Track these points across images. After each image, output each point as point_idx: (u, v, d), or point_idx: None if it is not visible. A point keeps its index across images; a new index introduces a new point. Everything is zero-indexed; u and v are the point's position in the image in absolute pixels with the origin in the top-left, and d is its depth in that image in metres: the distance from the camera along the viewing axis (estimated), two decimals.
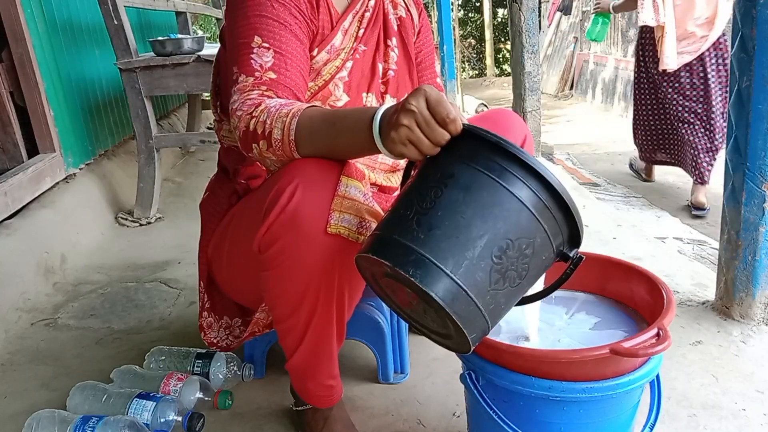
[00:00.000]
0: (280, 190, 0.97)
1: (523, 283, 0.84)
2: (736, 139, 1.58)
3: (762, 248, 1.60)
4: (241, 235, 1.16)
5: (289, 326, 1.08)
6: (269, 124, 0.98)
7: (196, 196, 1.42)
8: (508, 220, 0.80)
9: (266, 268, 1.02)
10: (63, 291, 2.12)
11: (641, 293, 1.09)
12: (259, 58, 1.06)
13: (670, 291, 1.02)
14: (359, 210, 1.00)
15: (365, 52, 1.26)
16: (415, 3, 1.39)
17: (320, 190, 0.97)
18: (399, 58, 1.32)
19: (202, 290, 1.35)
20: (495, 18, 13.46)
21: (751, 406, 1.33)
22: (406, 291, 0.84)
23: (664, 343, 0.88)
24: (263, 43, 1.07)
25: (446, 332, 0.86)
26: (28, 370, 1.62)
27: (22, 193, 2.28)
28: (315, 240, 0.97)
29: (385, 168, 1.32)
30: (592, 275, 1.16)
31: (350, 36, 1.23)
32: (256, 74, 1.05)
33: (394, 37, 1.31)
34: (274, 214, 0.96)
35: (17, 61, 2.42)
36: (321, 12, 1.18)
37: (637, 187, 3.75)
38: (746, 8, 1.49)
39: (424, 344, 1.62)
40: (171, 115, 4.56)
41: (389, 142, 0.86)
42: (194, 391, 1.36)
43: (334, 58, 1.20)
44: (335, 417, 1.23)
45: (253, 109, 1.00)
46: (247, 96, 1.03)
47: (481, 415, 1.01)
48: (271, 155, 1.00)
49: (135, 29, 3.04)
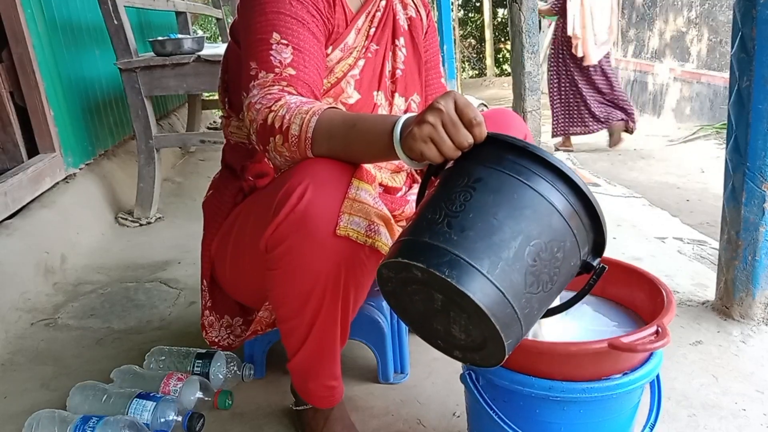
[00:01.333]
0: (290, 189, 0.97)
1: (554, 289, 0.82)
2: (736, 139, 1.58)
3: (762, 248, 1.60)
4: (247, 234, 1.16)
5: (292, 326, 1.08)
6: (288, 119, 0.97)
7: (196, 196, 1.42)
8: (540, 222, 0.79)
9: (272, 267, 1.02)
10: (63, 291, 2.12)
11: (641, 296, 1.09)
12: (278, 54, 1.06)
13: (670, 291, 1.02)
14: (368, 213, 0.99)
15: (377, 51, 1.27)
16: (423, 4, 1.40)
17: (331, 192, 0.97)
18: (408, 57, 1.33)
19: (205, 288, 1.35)
20: (495, 18, 13.44)
21: (751, 406, 1.33)
22: (436, 301, 0.81)
23: (663, 339, 0.88)
24: (282, 39, 1.07)
25: (475, 343, 0.82)
26: (28, 370, 1.62)
27: (22, 193, 2.28)
28: (323, 241, 0.97)
29: (391, 168, 1.32)
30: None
31: (363, 35, 1.24)
32: (276, 70, 1.05)
33: (402, 36, 1.32)
34: (284, 213, 0.96)
35: (17, 61, 2.42)
36: (337, 11, 1.19)
37: (637, 187, 3.75)
38: (746, 8, 1.49)
39: (425, 344, 1.62)
40: (171, 115, 4.56)
41: (410, 139, 0.85)
42: (194, 391, 1.36)
43: (347, 56, 1.21)
44: (335, 417, 1.23)
45: (272, 103, 1.00)
46: (267, 91, 1.03)
47: (481, 415, 1.01)
48: (285, 151, 0.99)
49: (135, 29, 3.04)
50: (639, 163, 4.79)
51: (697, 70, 6.19)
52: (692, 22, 6.34)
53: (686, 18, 6.44)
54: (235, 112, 1.27)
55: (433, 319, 0.85)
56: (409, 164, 0.90)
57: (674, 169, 3.68)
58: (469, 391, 1.02)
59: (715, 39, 5.97)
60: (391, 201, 1.27)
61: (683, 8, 6.49)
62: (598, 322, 1.09)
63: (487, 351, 0.81)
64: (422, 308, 0.85)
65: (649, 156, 5.02)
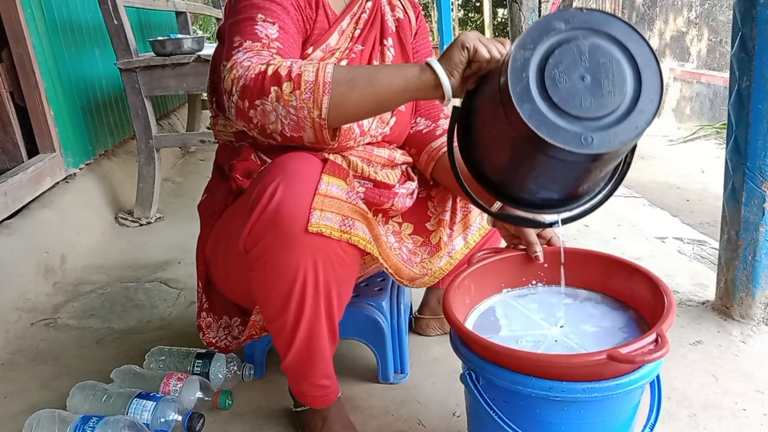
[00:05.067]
0: (262, 189, 0.97)
1: None
2: (736, 139, 1.58)
3: (762, 248, 1.60)
4: (232, 236, 1.16)
5: (279, 326, 1.08)
6: (297, 68, 0.94)
7: (196, 196, 1.42)
8: None
9: (252, 268, 1.03)
10: (63, 291, 2.12)
11: (642, 293, 1.09)
12: (263, 29, 1.05)
13: (671, 294, 1.02)
14: (341, 208, 1.00)
15: (362, 51, 1.26)
16: (413, 5, 1.40)
17: (301, 189, 0.97)
18: (396, 58, 1.32)
19: (200, 291, 1.35)
20: (495, 18, 13.46)
21: (751, 406, 1.33)
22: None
23: (662, 350, 0.87)
24: (268, 18, 1.06)
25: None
26: (28, 370, 1.62)
27: (22, 193, 2.28)
28: (296, 239, 0.97)
29: (382, 161, 1.31)
30: (595, 273, 1.16)
31: (346, 37, 1.24)
32: (263, 41, 1.03)
33: (391, 37, 1.32)
34: (257, 213, 0.97)
35: (17, 61, 2.42)
36: (319, 14, 1.19)
37: (637, 187, 3.74)
38: (746, 8, 1.49)
39: (424, 344, 1.63)
40: (171, 115, 4.56)
41: (456, 46, 0.92)
42: (194, 391, 1.36)
43: (328, 56, 1.20)
44: (334, 417, 1.24)
45: (268, 60, 0.97)
46: (257, 52, 1.00)
47: (481, 415, 1.01)
48: (292, 100, 0.92)
49: (135, 29, 3.04)
50: (639, 163, 4.79)
51: (697, 70, 6.19)
52: (692, 22, 6.34)
53: (686, 18, 6.44)
54: (222, 111, 1.27)
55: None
56: (448, 86, 0.93)
57: (674, 169, 3.68)
58: (469, 391, 1.02)
59: (715, 39, 5.97)
60: (379, 194, 1.27)
61: (683, 8, 6.49)
62: (601, 321, 1.09)
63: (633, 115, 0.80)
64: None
65: (649, 156, 5.02)
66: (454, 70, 0.93)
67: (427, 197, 1.43)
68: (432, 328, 1.66)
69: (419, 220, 1.40)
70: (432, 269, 1.37)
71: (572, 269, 1.15)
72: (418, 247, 1.39)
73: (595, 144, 0.79)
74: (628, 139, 0.80)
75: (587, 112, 0.80)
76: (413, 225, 1.40)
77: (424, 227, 1.41)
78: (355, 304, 1.36)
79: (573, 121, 0.79)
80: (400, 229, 1.38)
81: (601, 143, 0.79)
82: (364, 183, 1.26)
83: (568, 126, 0.79)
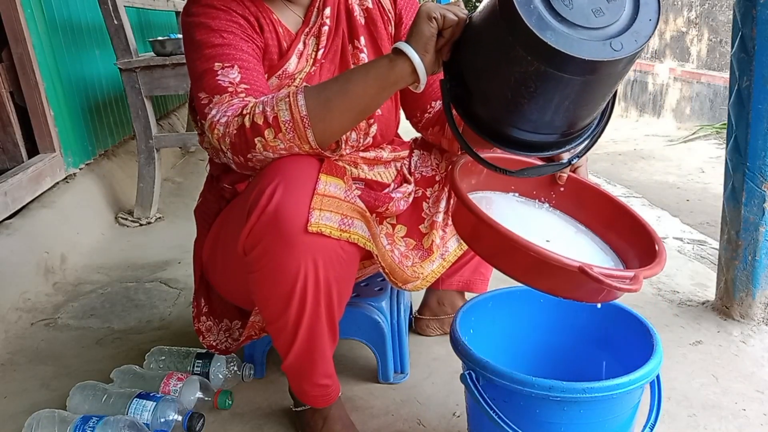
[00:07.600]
0: (260, 191, 0.97)
1: None
2: (736, 139, 1.58)
3: (762, 248, 1.60)
4: (230, 239, 1.16)
5: (279, 327, 1.08)
6: (270, 110, 0.95)
7: (196, 196, 1.42)
8: None
9: (252, 270, 1.03)
10: (63, 291, 2.12)
11: (637, 248, 1.06)
12: (225, 77, 1.05)
13: (663, 249, 1.00)
14: (340, 207, 1.00)
15: (330, 67, 1.22)
16: None
17: (299, 189, 0.97)
18: (369, 57, 1.25)
19: (198, 295, 1.35)
20: None
21: (751, 406, 1.33)
22: None
23: (633, 285, 0.85)
24: (225, 64, 1.06)
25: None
26: (28, 370, 1.62)
27: (22, 193, 2.28)
28: (296, 239, 0.97)
29: (368, 161, 1.29)
30: (603, 216, 1.13)
31: (307, 59, 1.20)
32: (229, 89, 1.04)
33: (362, 36, 1.25)
34: (255, 215, 0.97)
35: (17, 61, 2.42)
36: (267, 36, 1.16)
37: (638, 187, 3.74)
38: (746, 8, 1.49)
39: (425, 344, 1.63)
40: (171, 115, 4.55)
41: (423, 19, 0.90)
42: (194, 391, 1.36)
43: (288, 83, 1.17)
44: (334, 417, 1.23)
45: (241, 110, 0.98)
46: (228, 104, 1.01)
47: (481, 415, 1.01)
48: (279, 144, 0.97)
49: (135, 29, 3.03)
50: (639, 163, 4.79)
51: (697, 70, 6.19)
52: (692, 22, 6.34)
53: (686, 18, 6.44)
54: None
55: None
56: (422, 68, 0.91)
57: (674, 169, 3.68)
58: (469, 391, 1.02)
59: (715, 39, 5.97)
60: (374, 198, 1.26)
61: (683, 8, 6.49)
62: (586, 257, 1.05)
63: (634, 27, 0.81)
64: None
65: (649, 156, 5.01)
66: (427, 45, 0.91)
67: (422, 197, 1.40)
68: (432, 329, 1.66)
69: (413, 222, 1.38)
70: (423, 273, 1.34)
71: (584, 205, 1.13)
72: (410, 251, 1.36)
73: (626, 47, 0.79)
74: (650, 32, 0.81)
75: (602, 23, 0.81)
76: (407, 227, 1.37)
77: (418, 229, 1.38)
78: (355, 304, 1.36)
79: (594, 35, 0.80)
80: (393, 231, 1.36)
81: (629, 44, 0.80)
82: (357, 184, 1.25)
83: (593, 40, 0.79)
